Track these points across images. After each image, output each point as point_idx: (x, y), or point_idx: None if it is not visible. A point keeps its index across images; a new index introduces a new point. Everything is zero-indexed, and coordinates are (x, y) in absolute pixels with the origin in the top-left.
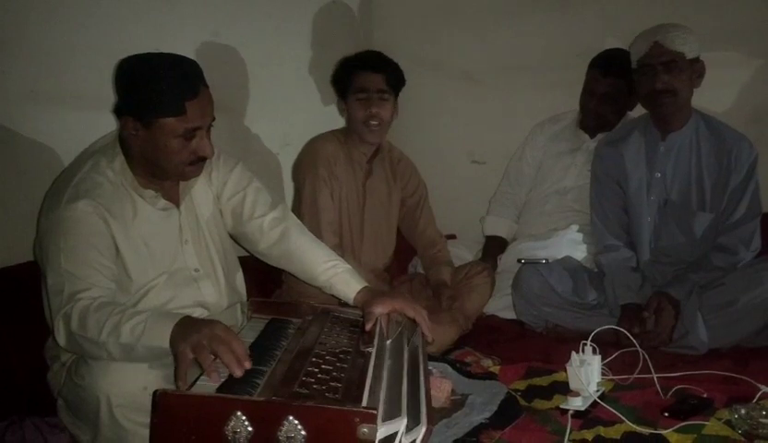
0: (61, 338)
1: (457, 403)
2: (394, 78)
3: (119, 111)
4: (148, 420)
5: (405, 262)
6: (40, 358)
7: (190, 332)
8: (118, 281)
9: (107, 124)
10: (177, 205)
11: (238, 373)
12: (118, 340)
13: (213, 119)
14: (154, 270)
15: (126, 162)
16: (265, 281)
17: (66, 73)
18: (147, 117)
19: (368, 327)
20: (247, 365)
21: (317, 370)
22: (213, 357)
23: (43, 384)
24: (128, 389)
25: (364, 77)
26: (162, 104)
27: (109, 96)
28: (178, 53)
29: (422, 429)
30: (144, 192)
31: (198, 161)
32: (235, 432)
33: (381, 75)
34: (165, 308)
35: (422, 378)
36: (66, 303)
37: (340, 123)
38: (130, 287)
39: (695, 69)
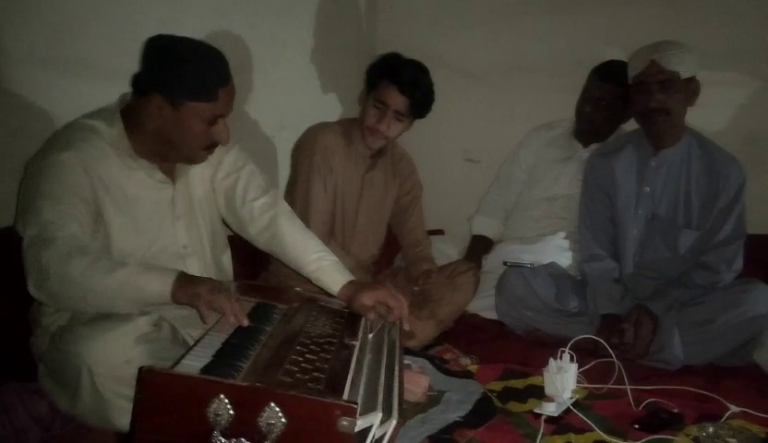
0: (31, 283)
1: (433, 399)
2: (419, 107)
3: (143, 87)
4: (128, 392)
5: (391, 255)
6: (25, 322)
7: (197, 283)
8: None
9: (106, 94)
10: (173, 181)
11: (245, 322)
12: (106, 281)
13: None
14: (137, 239)
15: (124, 130)
16: (252, 260)
17: (73, 41)
18: (178, 99)
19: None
20: (245, 322)
21: (300, 359)
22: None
23: (27, 348)
24: (111, 360)
25: (390, 92)
26: (198, 88)
27: (113, 68)
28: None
29: (392, 422)
30: (138, 160)
31: (212, 147)
32: (217, 414)
33: (407, 99)
34: None
35: (397, 372)
36: (42, 248)
37: (337, 111)
38: (111, 253)
39: (690, 88)
